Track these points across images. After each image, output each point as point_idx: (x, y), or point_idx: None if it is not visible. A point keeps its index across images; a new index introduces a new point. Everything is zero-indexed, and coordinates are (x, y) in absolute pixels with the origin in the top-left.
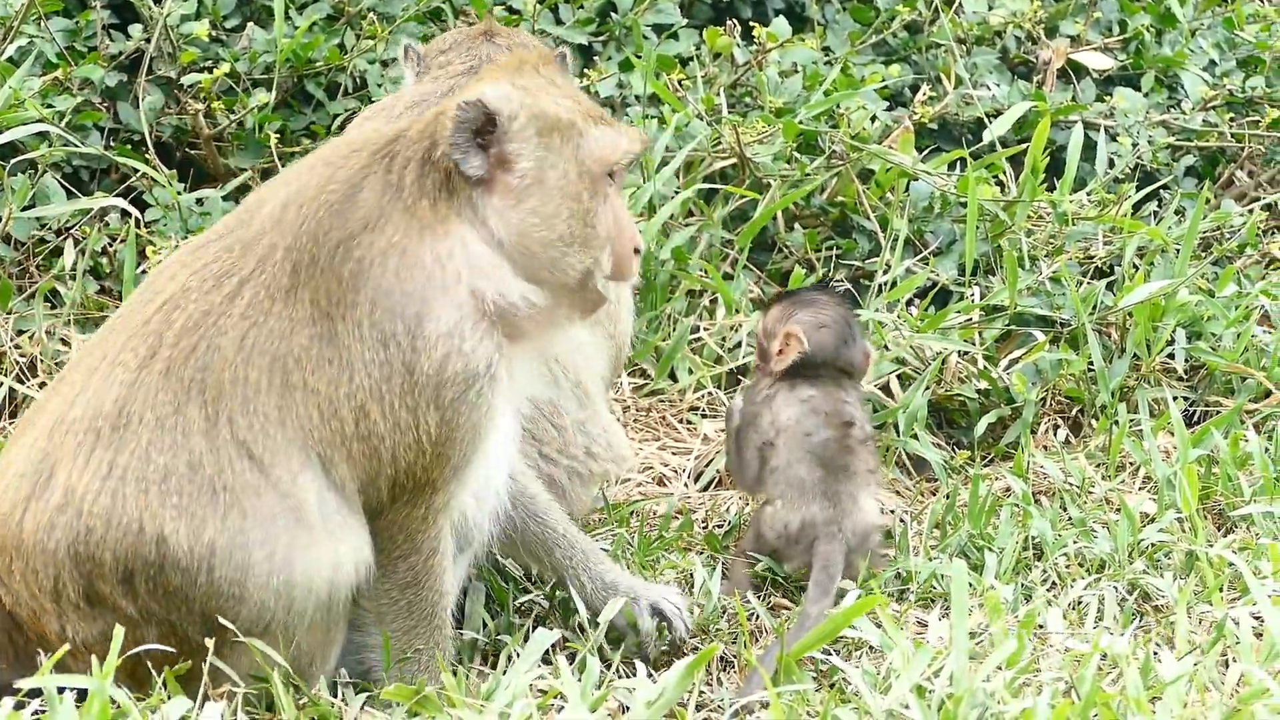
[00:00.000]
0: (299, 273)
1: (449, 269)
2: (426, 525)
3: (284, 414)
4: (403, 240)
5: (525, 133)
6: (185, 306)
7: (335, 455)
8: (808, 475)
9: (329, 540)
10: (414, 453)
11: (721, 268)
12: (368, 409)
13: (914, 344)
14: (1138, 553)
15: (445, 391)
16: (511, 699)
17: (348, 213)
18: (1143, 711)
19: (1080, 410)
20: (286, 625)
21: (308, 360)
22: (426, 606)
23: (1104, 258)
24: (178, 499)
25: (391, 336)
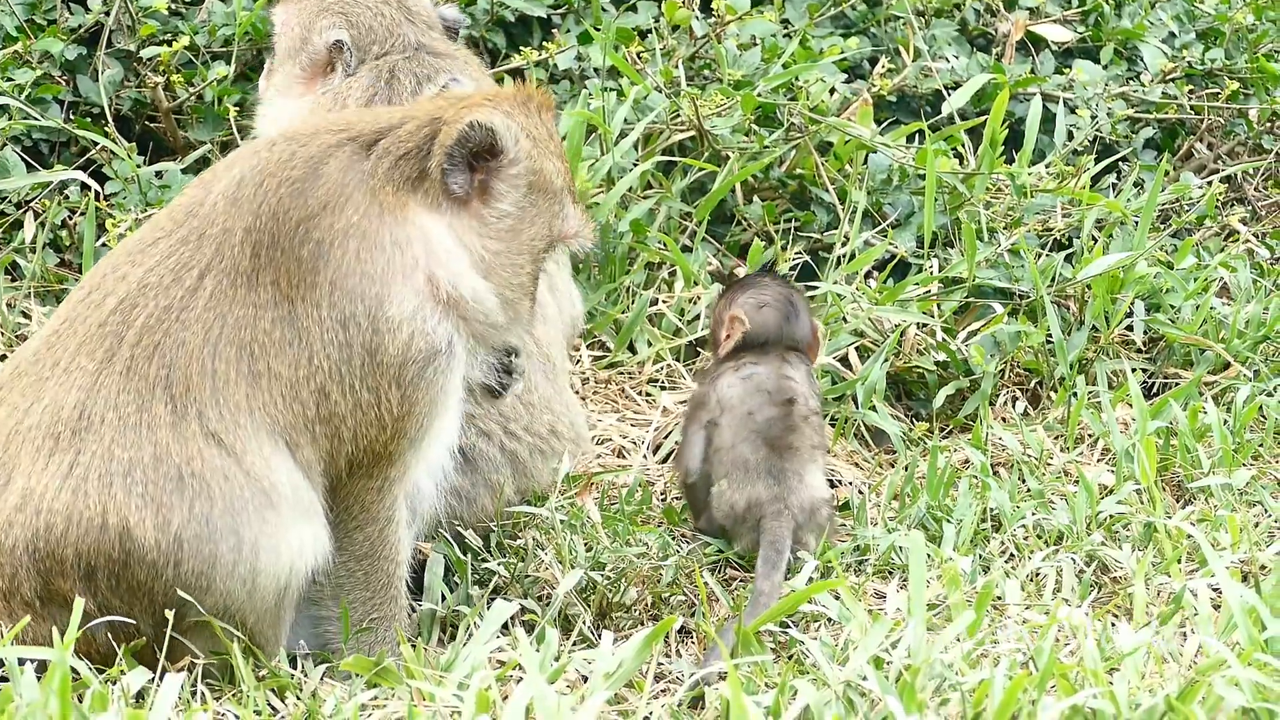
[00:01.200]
0: (259, 255)
1: (408, 254)
2: (382, 496)
3: (252, 402)
4: (362, 222)
5: (518, 180)
6: (144, 305)
7: (300, 439)
8: (751, 454)
9: (295, 524)
10: (375, 429)
11: (680, 240)
12: (328, 391)
13: (872, 316)
14: (1096, 524)
15: (408, 370)
16: (470, 670)
17: (308, 191)
18: (1100, 683)
19: (1039, 382)
20: (245, 610)
21: (270, 344)
22: (383, 577)
23: (1063, 230)
24: (143, 489)
25: (351, 318)
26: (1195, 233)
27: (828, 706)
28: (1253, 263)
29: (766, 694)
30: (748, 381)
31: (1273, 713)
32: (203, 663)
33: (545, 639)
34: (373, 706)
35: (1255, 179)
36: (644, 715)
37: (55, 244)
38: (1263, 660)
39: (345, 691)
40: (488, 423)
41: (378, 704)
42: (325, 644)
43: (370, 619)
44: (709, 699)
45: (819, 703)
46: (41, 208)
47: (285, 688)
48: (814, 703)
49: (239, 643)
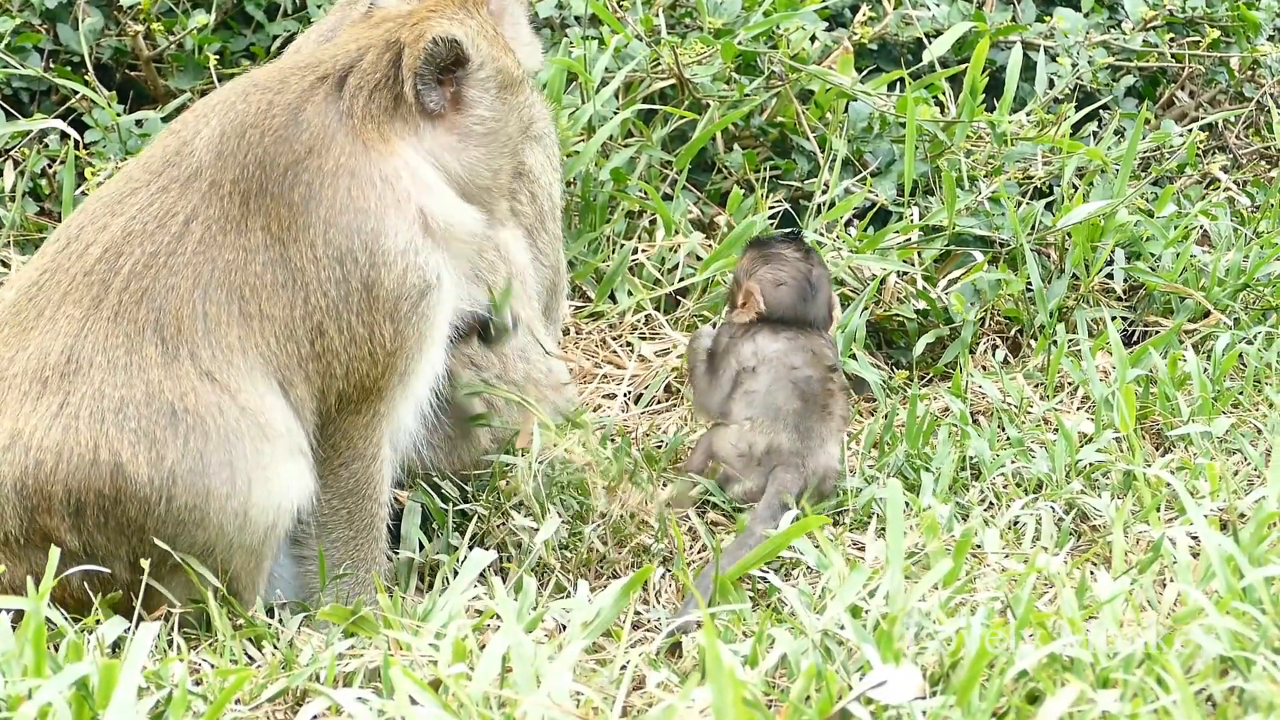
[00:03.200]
0: (248, 202)
1: (399, 187)
2: (369, 431)
3: (245, 343)
4: (350, 162)
5: (488, 84)
6: (130, 251)
7: (294, 378)
8: (785, 404)
9: (287, 459)
10: (367, 365)
11: (661, 188)
12: (324, 328)
13: (853, 264)
14: (1075, 472)
15: (402, 304)
16: (447, 619)
17: (293, 138)
18: (1078, 631)
19: (1019, 330)
20: (234, 547)
21: (263, 288)
22: (366, 516)
23: (1043, 178)
24: (136, 424)
25: (348, 253)
26: (1176, 181)
27: (805, 655)
28: (1233, 211)
29: (744, 643)
30: (793, 341)
31: (1250, 661)
32: (179, 611)
33: (522, 588)
34: (349, 655)
35: (1236, 127)
36: (621, 664)
37: (35, 192)
38: (1240, 609)
39: (322, 640)
40: (462, 372)
41: (354, 653)
42: (305, 589)
43: (352, 559)
44: (686, 647)
45: (796, 651)
46: (21, 156)
47: (262, 637)
48: (791, 651)
49: (215, 591)
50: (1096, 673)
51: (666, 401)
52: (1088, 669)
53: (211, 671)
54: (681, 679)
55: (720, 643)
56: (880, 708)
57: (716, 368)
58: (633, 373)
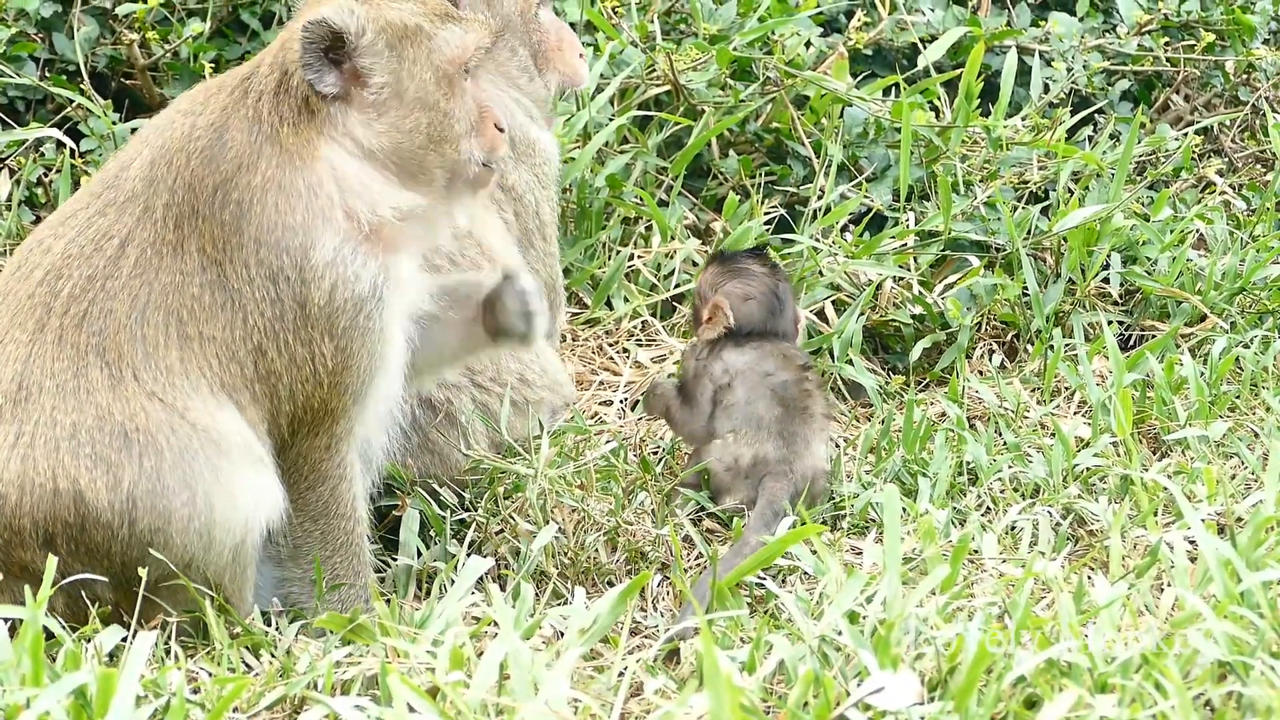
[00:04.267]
0: (182, 226)
1: (321, 195)
2: (331, 454)
3: (186, 365)
4: (276, 174)
5: (375, 46)
6: (69, 274)
7: (242, 398)
8: (766, 412)
9: (248, 473)
10: (311, 385)
11: (656, 194)
12: (264, 348)
13: (849, 270)
14: (1072, 477)
15: (338, 320)
16: (445, 627)
17: (218, 158)
18: (1075, 636)
19: (1015, 335)
20: (204, 565)
21: (200, 309)
22: (340, 535)
23: (1039, 183)
24: (90, 449)
25: (279, 272)
26: (1171, 185)
27: (802, 661)
28: (1229, 214)
29: (741, 649)
30: (759, 349)
31: (1248, 666)
32: (176, 620)
33: (520, 595)
34: (347, 663)
35: (1231, 131)
36: (619, 670)
37: (31, 201)
38: (1238, 613)
39: (319, 648)
40: (456, 376)
41: (352, 661)
42: (292, 604)
43: (334, 577)
44: (684, 654)
45: (793, 657)
46: (17, 165)
47: (259, 645)
48: (788, 657)
49: (212, 600)
50: (1094, 678)
51: None
52: (1085, 674)
53: (209, 680)
54: (679, 685)
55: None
56: (878, 714)
57: (691, 394)
58: (629, 379)
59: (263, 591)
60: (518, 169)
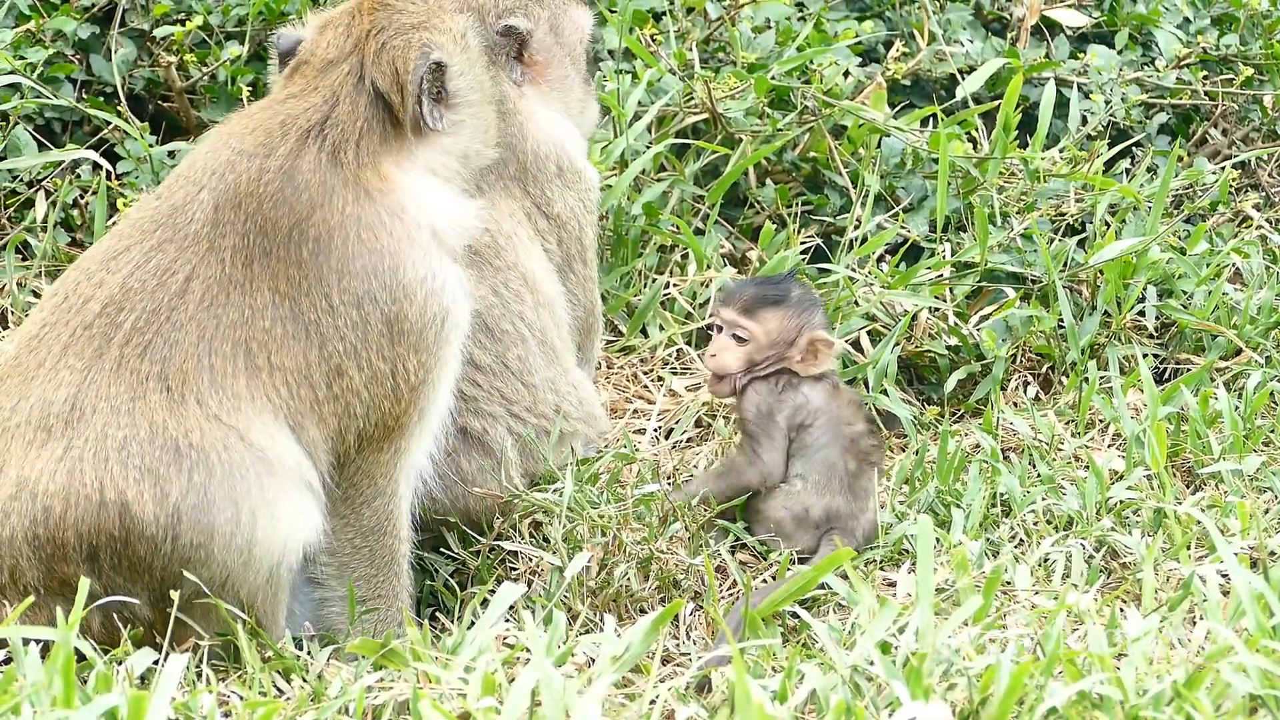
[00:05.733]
0: (252, 265)
1: (406, 219)
2: (391, 469)
3: (253, 391)
4: (355, 210)
5: (459, 67)
6: (130, 306)
7: (306, 422)
8: (840, 462)
9: (294, 496)
10: (389, 402)
11: (693, 223)
12: (343, 369)
13: (884, 300)
14: (1106, 510)
15: (428, 334)
16: (477, 653)
17: (292, 200)
18: (1107, 668)
19: (1050, 367)
20: (239, 584)
21: (271, 341)
22: (387, 553)
23: (1075, 215)
24: (140, 461)
25: (367, 296)
26: (1208, 218)
27: (834, 691)
28: (1265, 249)
29: (773, 678)
30: (838, 392)
31: None
32: (208, 644)
33: (552, 622)
34: (379, 688)
35: (1269, 165)
36: (650, 699)
37: (66, 223)
38: (1270, 647)
39: (351, 673)
40: (492, 405)
41: (384, 686)
42: (328, 626)
43: (375, 596)
44: (715, 683)
45: (825, 687)
46: (53, 187)
47: (290, 669)
48: (821, 687)
49: (244, 623)
50: (1126, 710)
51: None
52: (1117, 707)
53: (240, 704)
54: (711, 714)
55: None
56: None
57: (762, 431)
58: (662, 407)
59: (296, 616)
60: (564, 195)
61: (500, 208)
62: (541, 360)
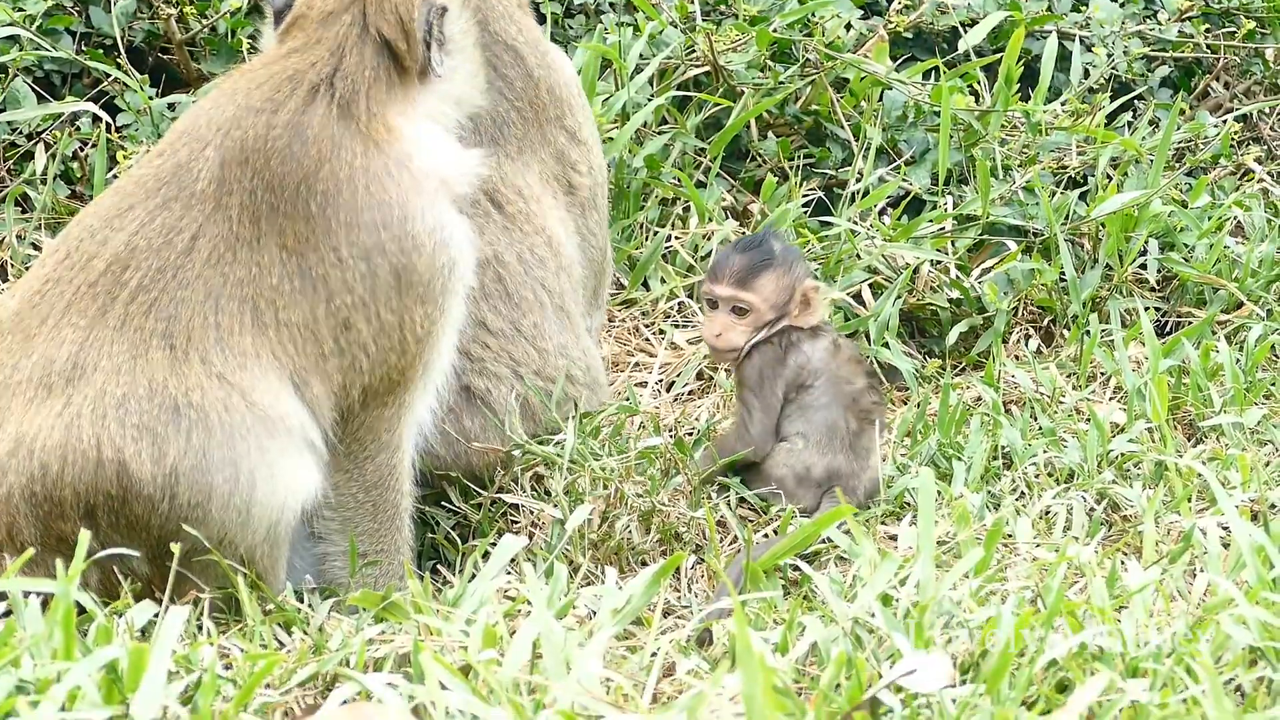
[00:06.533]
0: (259, 222)
1: (414, 169)
2: (395, 424)
3: (259, 348)
4: (364, 162)
5: (454, 10)
6: (136, 265)
7: (311, 378)
8: (843, 422)
9: (294, 456)
10: (395, 355)
11: (694, 176)
12: (351, 322)
13: (886, 253)
14: (1107, 462)
15: (435, 284)
16: (478, 605)
17: (300, 155)
18: (1108, 620)
19: (1052, 320)
20: (237, 541)
21: (279, 297)
22: (390, 507)
23: (1077, 168)
24: (138, 419)
25: (376, 248)
26: (1210, 171)
27: (835, 643)
28: (1267, 202)
29: (774, 630)
30: (838, 349)
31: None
32: (208, 597)
33: (553, 574)
34: (380, 641)
35: (1271, 118)
36: (651, 651)
37: (66, 176)
38: (1270, 599)
39: (352, 625)
40: (499, 367)
41: (384, 639)
42: (330, 580)
43: (376, 551)
44: (716, 635)
45: (826, 639)
46: (52, 139)
47: (291, 622)
48: (821, 639)
49: (244, 577)
50: (1126, 662)
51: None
52: (1117, 659)
53: (241, 656)
54: (712, 666)
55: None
56: (910, 696)
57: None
58: (664, 360)
59: (297, 570)
60: (590, 123)
61: (531, 166)
62: (556, 326)
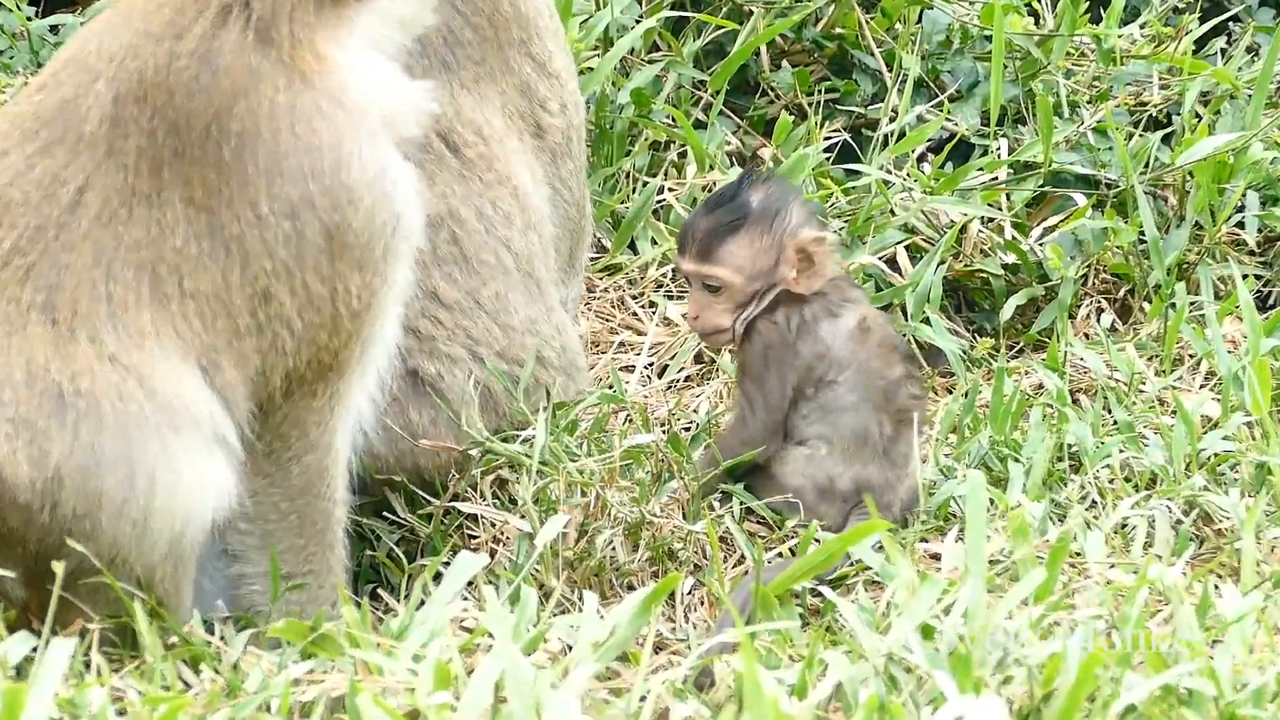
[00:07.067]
0: (160, 171)
1: (350, 106)
2: (325, 418)
3: (159, 325)
4: (288, 97)
5: None
6: (12, 223)
7: (222, 360)
8: (875, 426)
9: (203, 455)
10: (327, 332)
11: (692, 114)
12: (271, 293)
13: (926, 208)
14: (1196, 465)
15: (375, 246)
16: (428, 637)
17: (210, 88)
18: (1198, 657)
19: (1129, 291)
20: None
21: (184, 264)
22: (320, 518)
23: (1159, 105)
24: (13, 411)
25: (303, 203)
26: None
27: (865, 684)
28: None
29: (790, 668)
30: (866, 332)
31: None
32: (98, 627)
33: (520, 600)
34: (308, 681)
35: None
36: (640, 694)
37: None
38: None
39: (274, 663)
40: (453, 346)
41: (314, 678)
42: (247, 607)
43: (303, 572)
44: (719, 674)
45: (854, 679)
46: None
47: (200, 658)
48: (848, 679)
49: (142, 603)
50: (1220, 708)
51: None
52: (1210, 703)
53: (139, 700)
54: (714, 712)
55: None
56: None
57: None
58: (655, 339)
59: (207, 595)
60: (564, 53)
61: (491, 99)
62: (523, 297)
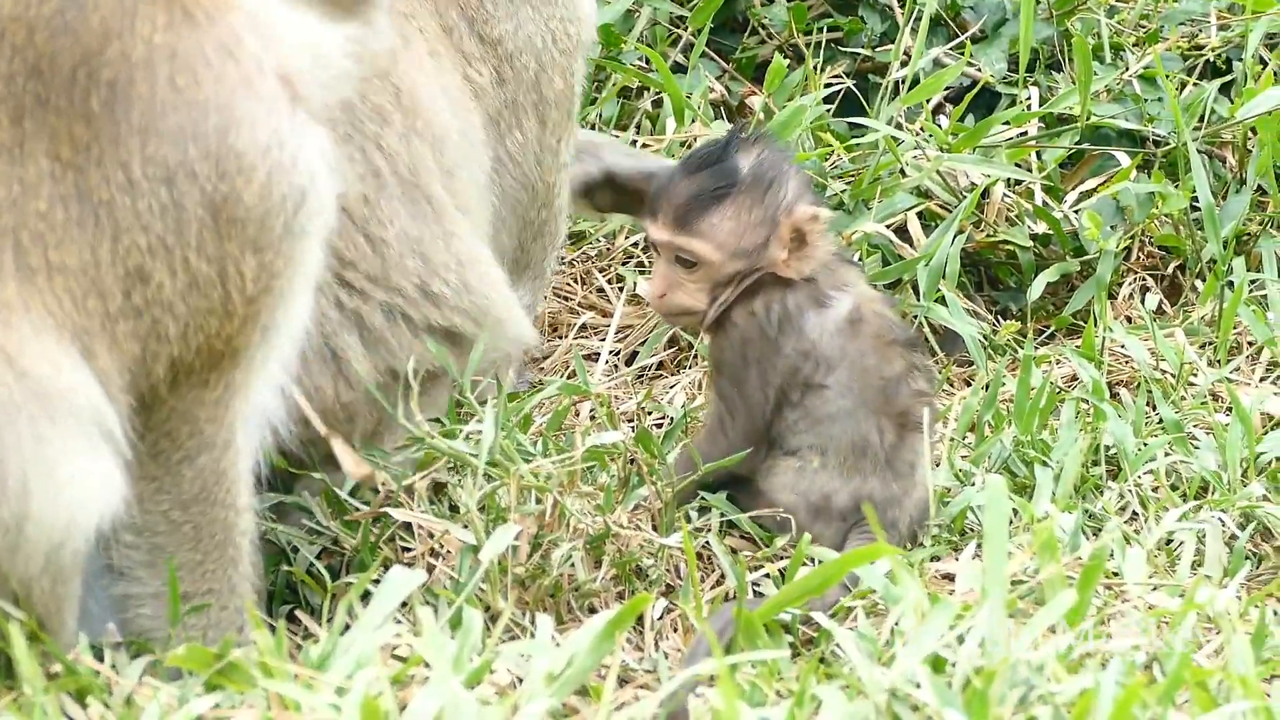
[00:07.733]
0: (21, 122)
1: (243, 56)
2: (221, 413)
3: (27, 299)
4: (168, 39)
5: None
6: None
7: (96, 344)
8: (875, 434)
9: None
10: (217, 319)
11: (670, 56)
12: (147, 273)
13: (943, 168)
14: (1254, 471)
15: (272, 224)
16: (355, 667)
17: (77, 26)
18: (1252, 695)
19: (1179, 267)
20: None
21: (50, 231)
22: (218, 530)
23: (1217, 48)
24: None
25: (180, 169)
26: None
27: None
28: None
29: (778, 705)
30: (858, 323)
31: None
32: None
33: (462, 625)
34: (213, 717)
35: None
36: None
37: None
38: None
39: (174, 695)
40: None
41: (220, 714)
42: (140, 632)
43: (203, 592)
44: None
45: (852, 717)
46: None
47: (87, 689)
48: (845, 718)
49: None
50: None
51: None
52: None
53: None
54: None
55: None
56: None
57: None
58: (624, 321)
59: (95, 617)
60: (516, 13)
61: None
62: (404, 210)
